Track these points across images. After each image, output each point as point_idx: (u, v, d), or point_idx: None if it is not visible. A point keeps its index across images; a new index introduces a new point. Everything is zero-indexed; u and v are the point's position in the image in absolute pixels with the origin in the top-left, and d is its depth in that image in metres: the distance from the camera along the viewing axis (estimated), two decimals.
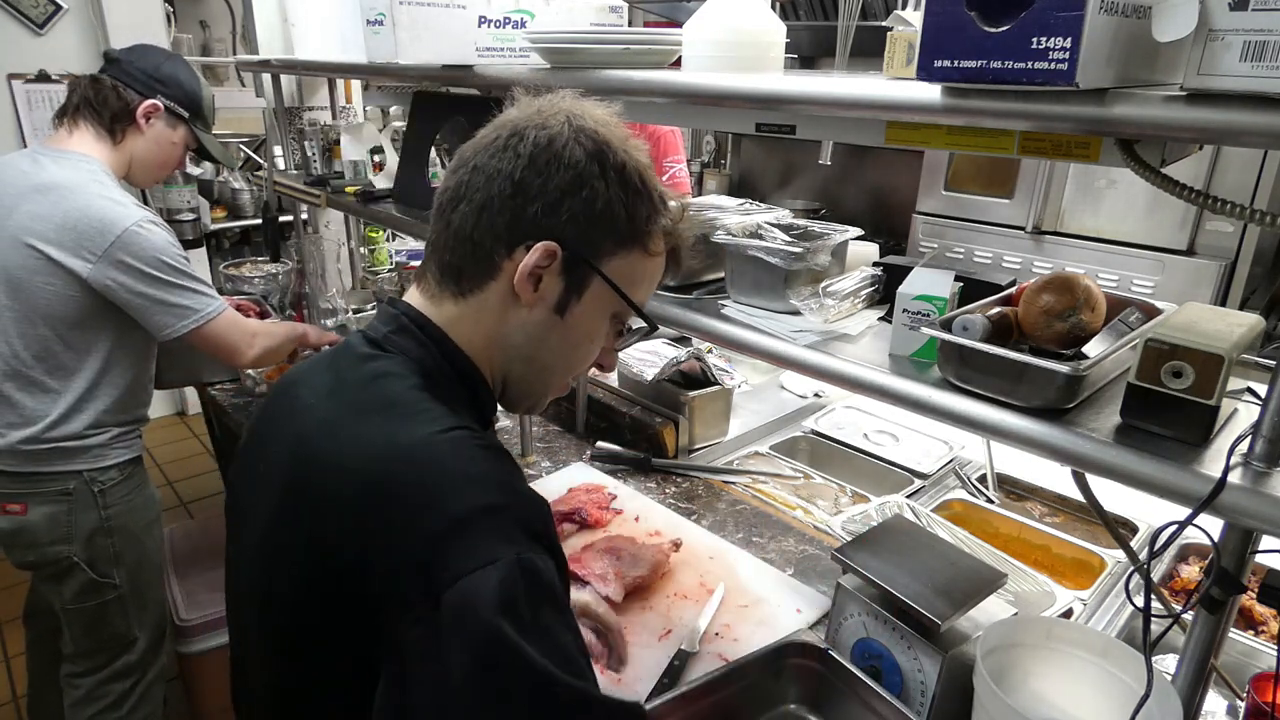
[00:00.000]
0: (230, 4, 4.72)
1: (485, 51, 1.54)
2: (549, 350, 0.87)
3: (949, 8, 0.76)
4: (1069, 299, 0.95)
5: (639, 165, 0.84)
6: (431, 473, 0.72)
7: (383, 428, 0.76)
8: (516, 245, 0.81)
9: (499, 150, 0.81)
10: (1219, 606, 0.85)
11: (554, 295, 0.83)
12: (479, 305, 0.84)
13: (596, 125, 0.83)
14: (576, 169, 0.80)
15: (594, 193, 0.80)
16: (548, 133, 0.80)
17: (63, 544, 1.76)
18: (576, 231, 0.81)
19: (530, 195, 0.80)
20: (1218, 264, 2.12)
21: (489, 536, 0.69)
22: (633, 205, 0.83)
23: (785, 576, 1.54)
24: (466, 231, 0.82)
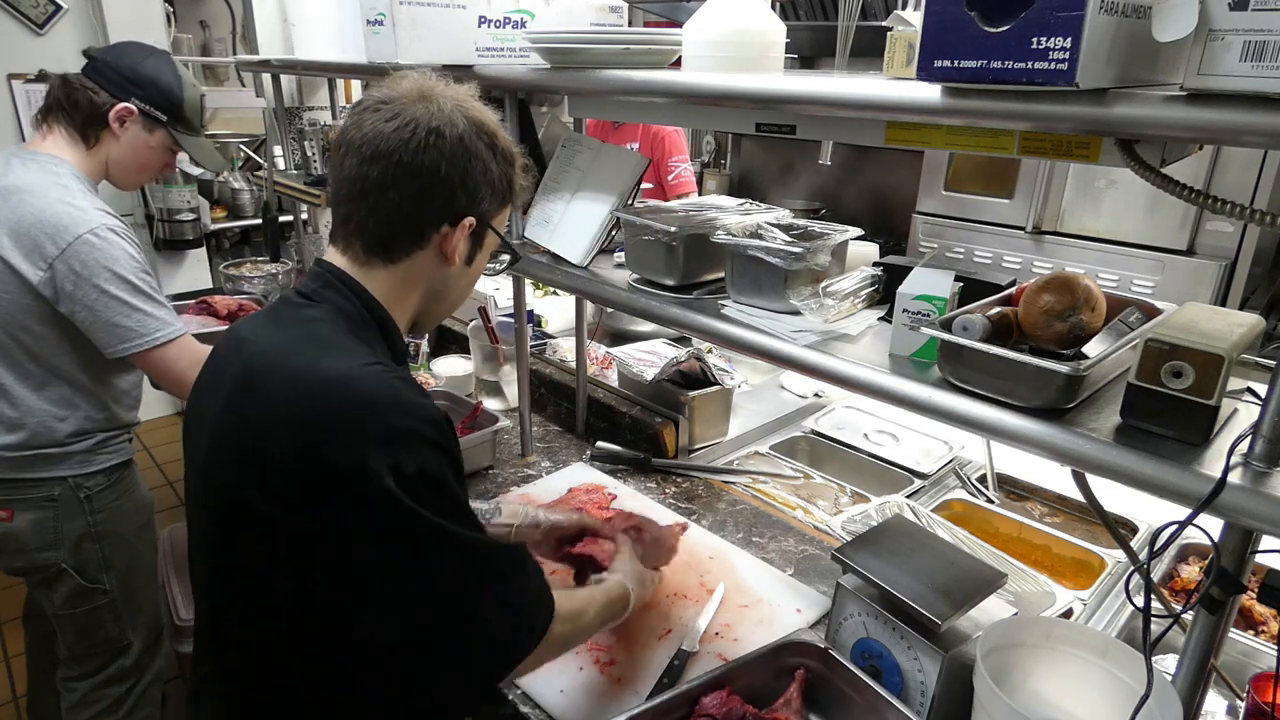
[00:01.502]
0: (230, 4, 4.72)
1: (485, 51, 1.54)
2: (455, 289, 1.10)
3: (949, 8, 0.76)
4: (1069, 299, 0.95)
5: (506, 139, 1.05)
6: (356, 398, 0.89)
7: (315, 360, 0.92)
8: (443, 224, 1.00)
9: (421, 148, 0.96)
10: (1219, 606, 0.85)
11: (465, 252, 1.05)
12: (406, 268, 1.02)
13: (480, 115, 1.01)
14: (483, 158, 1.00)
15: (493, 173, 1.02)
16: (457, 130, 0.98)
17: (50, 550, 1.73)
18: (486, 205, 1.03)
19: (456, 184, 0.99)
20: (1218, 264, 2.12)
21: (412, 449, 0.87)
22: (509, 173, 1.05)
23: (785, 576, 1.54)
24: (401, 214, 0.99)
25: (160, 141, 1.82)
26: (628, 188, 1.48)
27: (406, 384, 0.94)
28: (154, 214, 4.07)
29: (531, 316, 2.56)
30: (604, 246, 1.51)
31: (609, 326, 2.69)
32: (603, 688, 1.24)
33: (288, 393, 0.90)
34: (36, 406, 1.67)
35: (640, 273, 1.40)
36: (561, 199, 1.56)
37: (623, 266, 1.47)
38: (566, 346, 2.45)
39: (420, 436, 0.89)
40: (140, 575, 1.90)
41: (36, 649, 2.07)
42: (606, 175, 1.52)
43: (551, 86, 1.51)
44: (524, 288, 1.88)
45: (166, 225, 4.06)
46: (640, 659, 1.31)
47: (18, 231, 1.58)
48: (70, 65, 3.94)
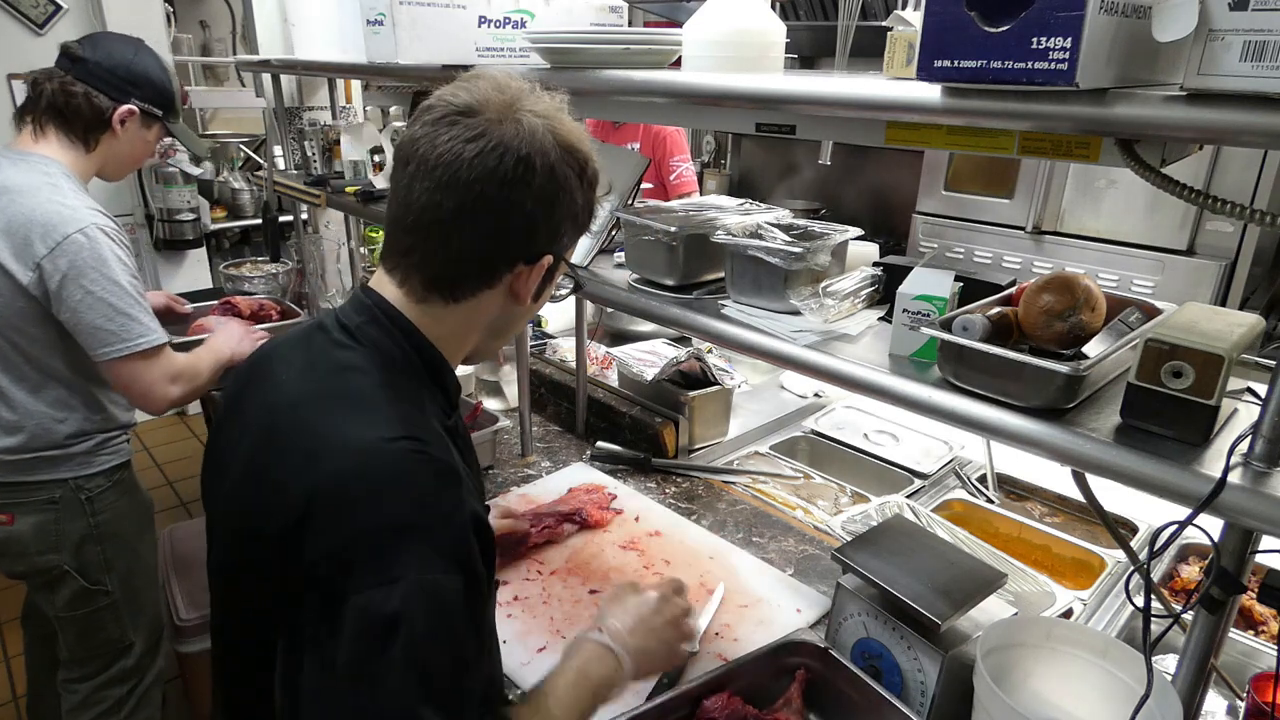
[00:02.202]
0: (230, 4, 4.72)
1: (485, 51, 1.54)
2: (518, 325, 1.01)
3: (949, 8, 0.76)
4: (1069, 299, 0.95)
5: (595, 161, 0.91)
6: (367, 481, 0.77)
7: (341, 423, 0.81)
8: (519, 262, 0.88)
9: (508, 181, 0.83)
10: (1219, 606, 0.85)
11: (534, 288, 0.92)
12: (470, 308, 0.91)
13: (570, 135, 0.87)
14: (571, 189, 0.87)
15: (578, 205, 0.89)
16: (549, 160, 0.84)
17: (52, 553, 1.73)
18: (567, 240, 0.92)
19: (539, 221, 0.87)
20: (1218, 264, 2.12)
21: (399, 554, 0.74)
22: (593, 200, 0.92)
23: (785, 576, 1.54)
24: (475, 253, 0.87)
25: (155, 135, 1.83)
26: (628, 188, 1.48)
27: (440, 468, 0.80)
28: (154, 214, 4.08)
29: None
30: (604, 246, 1.51)
31: (609, 326, 2.69)
32: None
33: (308, 456, 0.80)
34: (34, 409, 1.67)
35: (640, 273, 1.40)
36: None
37: (623, 266, 1.47)
38: (566, 346, 2.45)
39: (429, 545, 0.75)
40: (141, 576, 1.89)
41: (36, 650, 2.07)
42: (606, 175, 1.52)
43: (551, 86, 1.51)
44: None
45: (166, 225, 4.06)
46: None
47: (8, 232, 1.57)
48: None
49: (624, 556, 1.58)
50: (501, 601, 1.44)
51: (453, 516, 0.79)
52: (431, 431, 0.84)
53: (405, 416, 0.83)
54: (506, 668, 1.28)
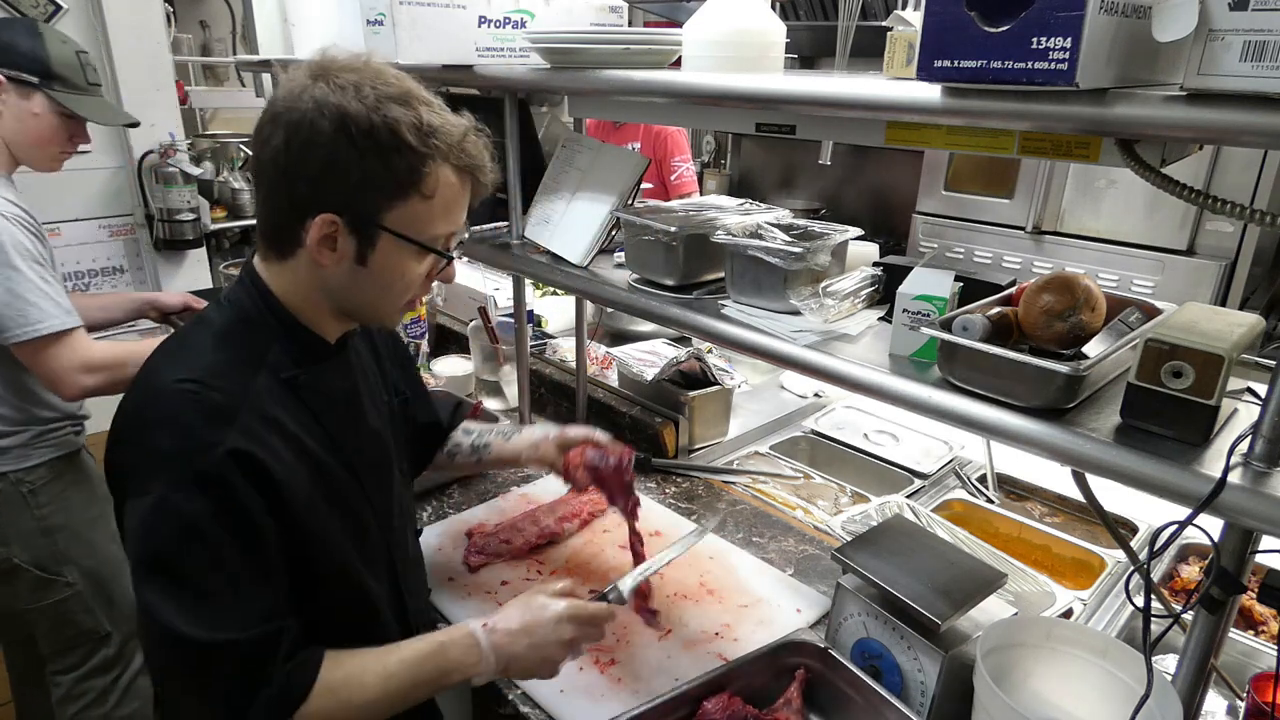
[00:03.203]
0: (230, 4, 4.72)
1: (485, 51, 1.54)
2: (366, 292, 1.01)
3: (949, 8, 0.76)
4: (1069, 299, 0.95)
5: (389, 120, 0.90)
6: (144, 413, 0.93)
7: (157, 366, 0.96)
8: (303, 220, 0.93)
9: (265, 140, 0.92)
10: (1219, 606, 0.85)
11: (350, 251, 0.96)
12: (295, 266, 0.99)
13: (344, 94, 0.90)
14: (327, 146, 0.90)
15: (347, 162, 0.90)
16: (295, 116, 0.90)
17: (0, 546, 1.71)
18: (346, 199, 0.92)
19: (295, 177, 0.92)
20: (1218, 264, 2.12)
21: (154, 475, 0.88)
22: (389, 161, 0.91)
23: (785, 576, 1.54)
24: (266, 212, 0.98)
25: (44, 107, 1.75)
26: (628, 188, 1.48)
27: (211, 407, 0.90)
28: (154, 214, 4.08)
29: (531, 316, 2.56)
30: (604, 246, 1.51)
31: (609, 326, 2.69)
32: (603, 688, 1.24)
33: (130, 391, 0.96)
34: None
35: (640, 273, 1.40)
36: (561, 199, 1.56)
37: (623, 266, 1.47)
38: (566, 346, 2.45)
39: (175, 470, 0.88)
40: (108, 566, 1.86)
41: (13, 654, 2.04)
42: (607, 175, 1.52)
43: (551, 86, 1.51)
44: (524, 288, 1.88)
45: (166, 225, 4.06)
46: (640, 659, 1.31)
47: None
48: None
49: (624, 556, 1.58)
50: (501, 602, 1.44)
51: (204, 450, 0.88)
52: (232, 379, 0.94)
53: (214, 362, 0.95)
54: None
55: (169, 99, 4.05)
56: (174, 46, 4.13)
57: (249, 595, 0.91)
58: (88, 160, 3.95)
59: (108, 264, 4.15)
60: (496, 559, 1.55)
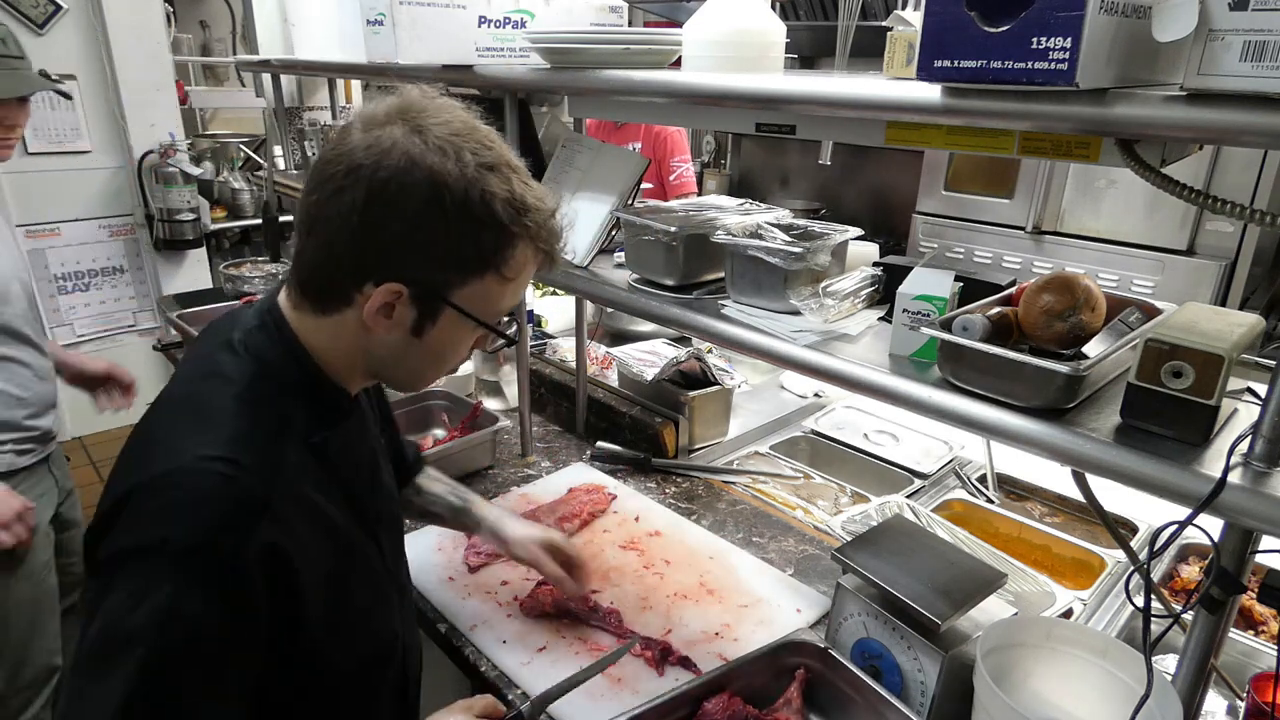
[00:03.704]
0: (230, 4, 4.72)
1: (485, 51, 1.54)
2: (412, 361, 0.92)
3: (949, 8, 0.76)
4: (1069, 299, 0.95)
5: (484, 193, 0.82)
6: (163, 495, 0.78)
7: (173, 433, 0.83)
8: (364, 284, 0.84)
9: (336, 191, 0.81)
10: (1219, 606, 0.85)
11: (408, 322, 0.87)
12: (338, 324, 0.88)
13: (440, 155, 0.80)
14: (414, 213, 0.80)
15: (434, 234, 0.81)
16: (383, 175, 0.79)
17: None
18: (421, 270, 0.83)
19: (370, 239, 0.81)
20: (1218, 264, 2.11)
21: (161, 572, 0.75)
22: (480, 238, 0.83)
23: (785, 576, 1.54)
24: (319, 264, 0.86)
25: None
26: (628, 188, 1.48)
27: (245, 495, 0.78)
28: (154, 214, 4.08)
29: (531, 316, 2.56)
30: (604, 246, 1.51)
31: (609, 326, 2.69)
32: (603, 688, 1.24)
33: (132, 458, 0.84)
34: None
35: (640, 273, 1.40)
36: (561, 199, 1.56)
37: (623, 266, 1.47)
38: (566, 346, 2.45)
39: (197, 568, 0.75)
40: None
41: None
42: (607, 175, 1.52)
43: (551, 86, 1.51)
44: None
45: (166, 225, 4.06)
46: (640, 658, 1.30)
47: None
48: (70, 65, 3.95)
49: (624, 556, 1.58)
50: (501, 602, 1.44)
51: (236, 549, 0.77)
52: (265, 453, 0.82)
53: (241, 433, 0.82)
54: (507, 668, 1.28)
55: (169, 99, 4.06)
56: (174, 46, 4.13)
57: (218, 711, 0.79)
58: (88, 160, 3.96)
59: (108, 264, 4.16)
60: (496, 559, 1.55)
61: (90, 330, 4.18)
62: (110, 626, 0.75)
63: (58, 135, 3.84)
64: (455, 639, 1.36)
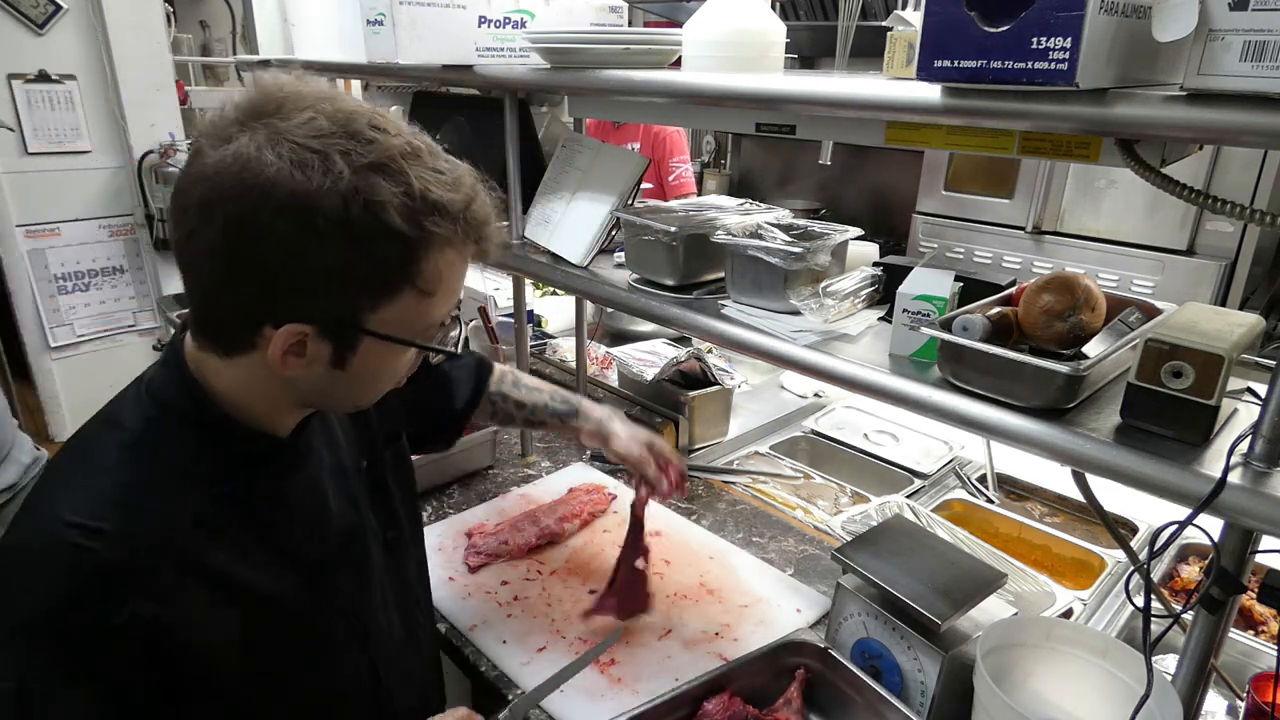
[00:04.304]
0: (230, 4, 4.72)
1: (485, 51, 1.54)
2: (342, 390, 0.82)
3: (949, 8, 0.76)
4: (1069, 299, 0.95)
5: (369, 204, 0.68)
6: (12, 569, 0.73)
7: (48, 490, 0.78)
8: (260, 327, 0.73)
9: (191, 232, 0.70)
10: (1219, 606, 0.85)
11: (325, 356, 0.76)
12: (248, 367, 0.77)
13: (303, 170, 0.67)
14: (285, 244, 0.68)
15: (318, 263, 0.69)
16: (236, 209, 0.67)
17: None
18: (319, 305, 0.72)
19: (245, 282, 0.71)
20: (1218, 264, 2.12)
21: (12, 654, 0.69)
22: (375, 255, 0.71)
23: (785, 576, 1.54)
24: (205, 307, 0.76)
25: None
26: (628, 188, 1.48)
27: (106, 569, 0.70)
28: (154, 214, 4.08)
29: (531, 316, 2.56)
30: (604, 246, 1.51)
31: (609, 326, 2.69)
32: (603, 688, 1.24)
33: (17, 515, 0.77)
34: None
35: (640, 273, 1.40)
36: (561, 199, 1.56)
37: (623, 266, 1.47)
38: (566, 346, 2.45)
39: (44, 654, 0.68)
40: None
41: None
42: (606, 175, 1.52)
43: (551, 86, 1.51)
44: (524, 288, 1.88)
45: (166, 225, 4.06)
46: (640, 659, 1.31)
47: None
48: (70, 65, 3.95)
49: None
50: (501, 602, 1.44)
51: (87, 626, 0.69)
52: (149, 514, 0.75)
53: (119, 493, 0.74)
54: (507, 668, 1.28)
55: (169, 99, 4.06)
56: (174, 46, 4.13)
57: None
58: (88, 160, 3.96)
59: (108, 264, 4.16)
60: (496, 559, 1.55)
61: (90, 330, 4.18)
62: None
63: (58, 135, 3.85)
64: (455, 639, 1.36)
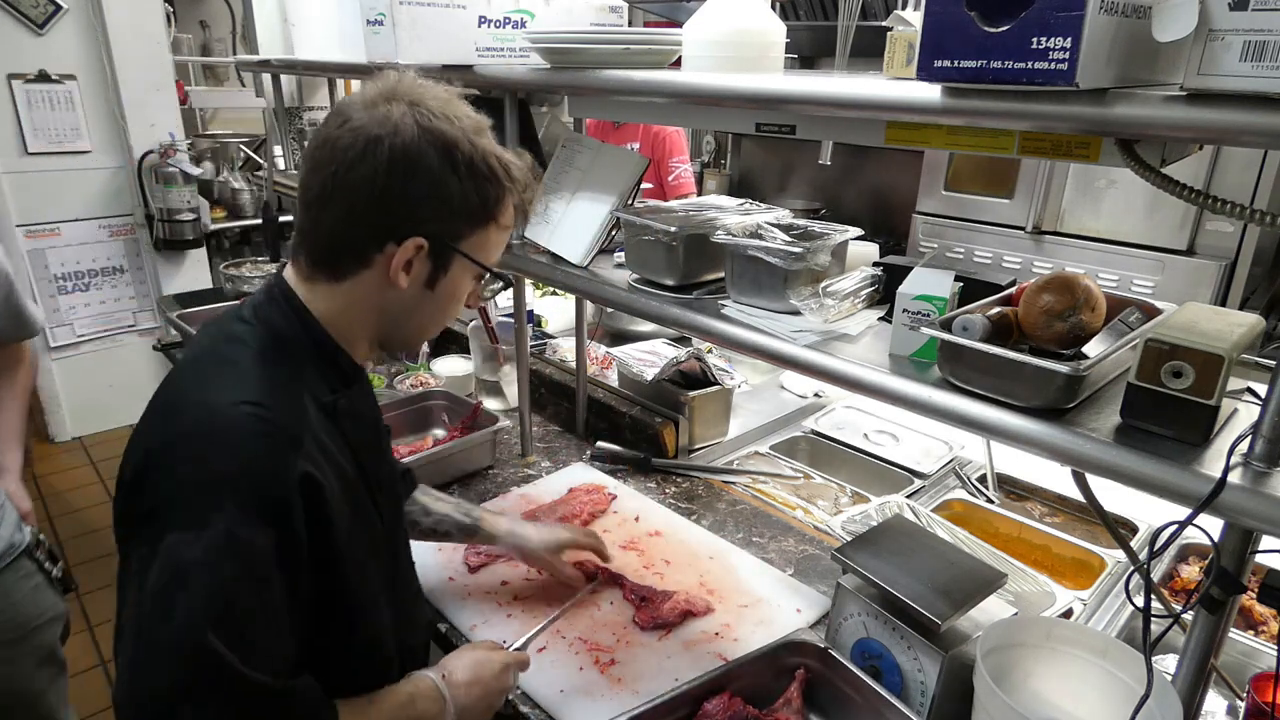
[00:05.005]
0: (230, 4, 4.72)
1: (485, 51, 1.54)
2: (421, 314, 1.02)
3: (949, 8, 0.76)
4: (1069, 299, 0.95)
5: (485, 152, 0.94)
6: (199, 439, 0.85)
7: (200, 385, 0.91)
8: (387, 243, 0.93)
9: (357, 160, 0.89)
10: (1219, 606, 0.85)
11: (423, 275, 0.97)
12: (352, 288, 0.96)
13: (444, 122, 0.91)
14: (432, 172, 0.91)
15: (449, 190, 0.92)
16: (401, 139, 0.89)
17: None
18: (439, 225, 0.94)
19: (394, 201, 0.91)
20: (1218, 264, 2.12)
21: (215, 504, 0.81)
22: (484, 191, 0.95)
23: (785, 576, 1.54)
24: (339, 231, 0.93)
25: None
26: (628, 188, 1.48)
27: (281, 430, 0.86)
28: (154, 214, 4.08)
29: (531, 316, 2.56)
30: (604, 246, 1.51)
31: (609, 326, 2.69)
32: (603, 688, 1.24)
33: (160, 415, 0.90)
34: None
35: (640, 273, 1.40)
36: (561, 199, 1.56)
37: (623, 266, 1.47)
38: (566, 346, 2.45)
39: (243, 499, 0.81)
40: None
41: None
42: (606, 175, 1.52)
43: (551, 86, 1.51)
44: (524, 288, 1.88)
45: (166, 225, 4.07)
46: (640, 659, 1.31)
47: None
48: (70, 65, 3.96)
49: (624, 556, 1.58)
50: (501, 602, 1.44)
51: (277, 476, 0.84)
52: (288, 401, 0.91)
53: (265, 383, 0.90)
54: None
55: (169, 99, 4.06)
56: (174, 46, 4.14)
57: (277, 631, 0.86)
58: (88, 160, 3.97)
59: (108, 264, 4.16)
60: (496, 559, 1.55)
61: (90, 330, 4.18)
62: (171, 564, 0.79)
63: (58, 135, 3.85)
64: (455, 639, 1.36)
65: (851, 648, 1.24)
